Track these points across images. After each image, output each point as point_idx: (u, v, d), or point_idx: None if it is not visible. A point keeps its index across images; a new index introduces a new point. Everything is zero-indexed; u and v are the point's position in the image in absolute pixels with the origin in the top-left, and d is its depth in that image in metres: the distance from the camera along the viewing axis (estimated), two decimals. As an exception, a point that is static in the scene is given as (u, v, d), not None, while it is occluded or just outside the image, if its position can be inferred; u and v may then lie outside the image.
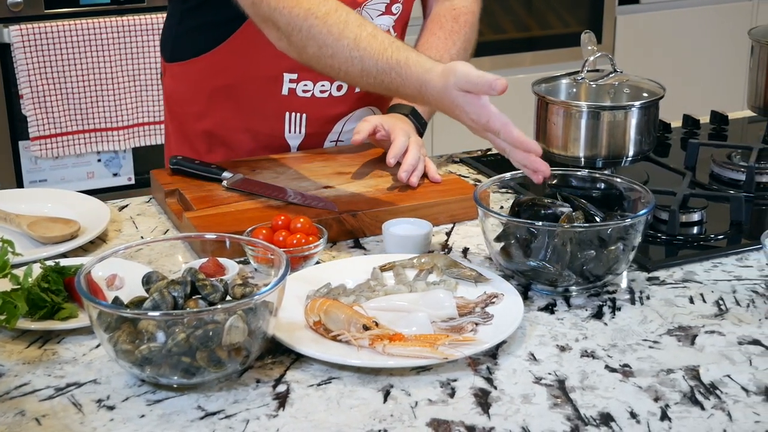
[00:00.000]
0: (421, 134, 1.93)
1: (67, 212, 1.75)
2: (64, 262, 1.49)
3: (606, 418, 1.19)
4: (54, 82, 3.20)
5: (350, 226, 1.68)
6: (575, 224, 1.48)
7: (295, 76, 1.92)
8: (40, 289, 1.41)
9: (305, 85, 1.93)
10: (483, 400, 1.23)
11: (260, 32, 1.71)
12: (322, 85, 1.94)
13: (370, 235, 1.69)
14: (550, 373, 1.29)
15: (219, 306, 1.26)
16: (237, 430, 1.18)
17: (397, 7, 1.95)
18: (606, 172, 1.79)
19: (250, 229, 1.58)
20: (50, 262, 1.47)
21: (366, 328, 1.31)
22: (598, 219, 1.51)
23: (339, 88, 1.96)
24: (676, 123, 2.24)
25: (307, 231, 1.57)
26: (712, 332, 1.39)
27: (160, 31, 2.11)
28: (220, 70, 1.93)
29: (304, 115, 1.96)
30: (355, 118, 2.01)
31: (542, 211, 1.55)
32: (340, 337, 1.32)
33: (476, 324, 1.36)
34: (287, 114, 1.96)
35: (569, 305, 1.47)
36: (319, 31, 1.62)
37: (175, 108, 2.06)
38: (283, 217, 1.59)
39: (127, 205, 1.84)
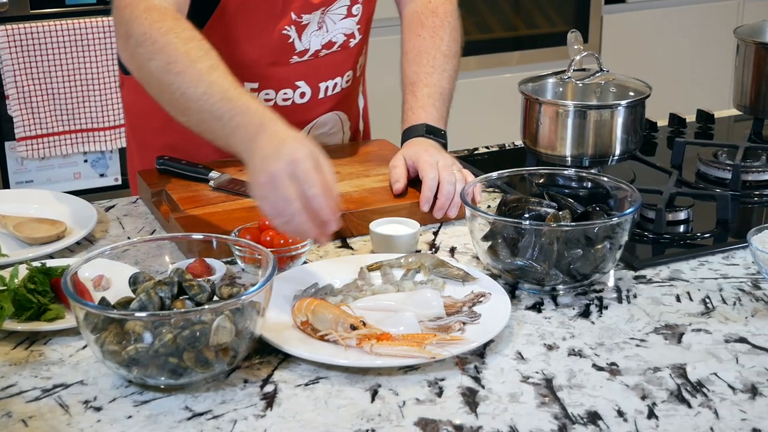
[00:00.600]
0: (445, 147, 1.84)
1: (53, 213, 1.75)
2: (50, 263, 1.49)
3: (593, 417, 1.20)
4: (40, 83, 3.19)
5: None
6: (562, 223, 1.48)
7: (255, 85, 1.86)
8: (26, 290, 1.40)
9: (267, 93, 1.88)
10: (470, 399, 1.23)
11: (219, 44, 1.62)
12: (285, 93, 1.89)
13: (357, 234, 1.69)
14: (537, 372, 1.29)
15: (206, 306, 1.26)
16: (224, 431, 1.18)
17: (357, 8, 1.90)
18: (593, 171, 1.80)
19: (237, 229, 1.58)
20: (37, 263, 1.47)
21: (353, 327, 1.31)
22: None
23: (302, 95, 1.91)
24: (663, 122, 2.24)
25: (295, 231, 1.57)
26: (699, 330, 1.39)
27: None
28: None
29: None
30: (319, 125, 1.98)
31: (529, 210, 1.55)
32: (327, 336, 1.32)
33: (464, 323, 1.36)
34: None
35: (556, 304, 1.47)
36: (175, 49, 1.53)
37: (135, 121, 2.01)
38: (270, 217, 1.59)
39: (113, 206, 1.84)
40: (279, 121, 1.46)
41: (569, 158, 1.87)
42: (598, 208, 1.52)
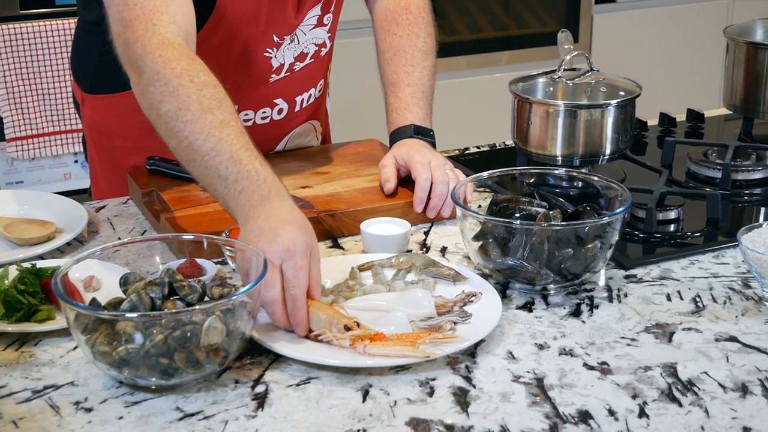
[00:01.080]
0: (434, 146, 1.84)
1: (43, 214, 1.74)
2: (40, 263, 1.49)
3: (584, 416, 1.20)
4: (30, 83, 3.18)
5: (328, 226, 1.68)
6: (552, 223, 1.48)
7: (235, 107, 1.83)
8: (16, 291, 1.40)
9: (246, 114, 1.87)
10: (462, 399, 1.23)
11: None
12: (263, 112, 1.88)
13: (348, 234, 1.69)
14: (528, 372, 1.29)
15: (197, 307, 1.26)
16: (216, 431, 1.17)
17: (328, 18, 1.89)
18: (583, 170, 1.80)
19: (228, 229, 1.58)
20: (27, 264, 1.46)
21: (347, 328, 1.31)
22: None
23: (280, 111, 1.91)
24: (653, 121, 2.25)
25: (285, 231, 1.56)
26: (690, 329, 1.40)
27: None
28: None
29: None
30: (295, 135, 1.98)
31: (520, 210, 1.55)
32: (321, 337, 1.32)
33: (455, 323, 1.36)
34: None
35: (547, 303, 1.47)
36: (187, 95, 1.47)
37: (100, 140, 1.95)
38: (261, 218, 1.58)
39: (104, 206, 1.84)
40: (286, 195, 1.43)
41: (560, 158, 1.87)
42: (588, 208, 1.52)
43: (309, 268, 1.36)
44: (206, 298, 1.32)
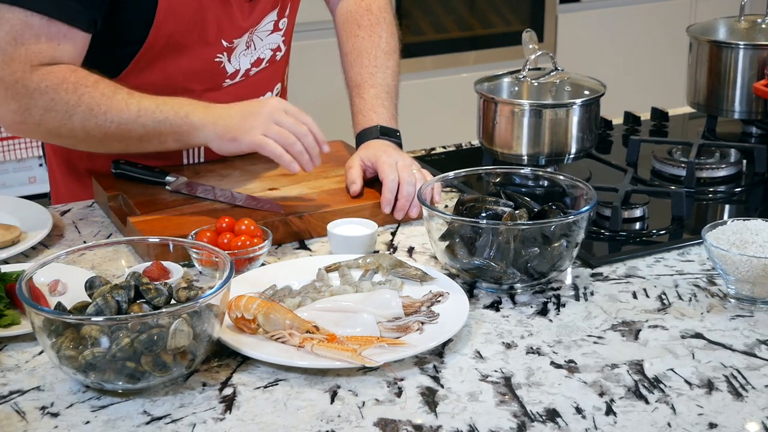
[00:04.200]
0: (401, 146, 1.84)
1: (7, 218, 1.73)
2: (5, 268, 1.48)
3: (552, 414, 1.20)
4: (-7, 87, 3.15)
5: (296, 228, 1.67)
6: (518, 222, 1.48)
7: None
8: (-20, 297, 1.39)
9: None
10: (430, 399, 1.23)
11: (150, 76, 1.66)
12: None
13: (316, 236, 1.69)
14: (496, 371, 1.30)
15: (163, 310, 1.25)
16: (183, 435, 1.17)
17: (283, 23, 1.89)
18: (549, 169, 1.80)
19: (193, 231, 1.57)
20: (-9, 269, 1.45)
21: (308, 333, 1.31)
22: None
23: None
24: (618, 120, 2.26)
25: (252, 233, 1.56)
26: (656, 327, 1.41)
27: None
28: None
29: (201, 147, 1.87)
30: None
31: (486, 210, 1.55)
32: (274, 336, 1.32)
33: (422, 323, 1.37)
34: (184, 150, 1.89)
35: (514, 303, 1.47)
36: (91, 96, 1.62)
37: (58, 146, 1.92)
38: (227, 220, 1.58)
39: (69, 210, 1.83)
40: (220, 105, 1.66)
41: (525, 157, 1.87)
42: (554, 207, 1.53)
43: None
44: (173, 301, 1.32)
